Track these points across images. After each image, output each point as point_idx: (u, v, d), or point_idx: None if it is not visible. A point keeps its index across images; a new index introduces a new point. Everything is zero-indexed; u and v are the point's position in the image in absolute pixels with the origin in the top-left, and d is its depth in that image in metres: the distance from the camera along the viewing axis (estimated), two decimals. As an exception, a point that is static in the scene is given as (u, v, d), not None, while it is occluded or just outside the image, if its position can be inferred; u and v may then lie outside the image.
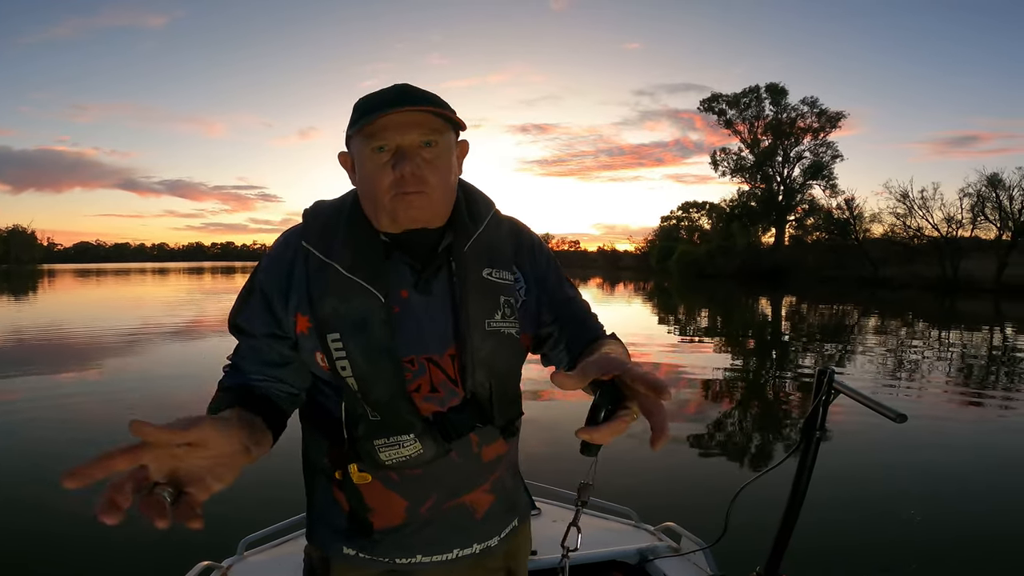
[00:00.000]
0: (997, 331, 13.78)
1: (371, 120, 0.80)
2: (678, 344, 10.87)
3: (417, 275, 0.87)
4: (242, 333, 0.89)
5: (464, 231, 0.90)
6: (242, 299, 0.90)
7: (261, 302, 0.87)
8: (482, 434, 0.90)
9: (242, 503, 3.49)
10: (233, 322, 0.90)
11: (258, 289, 0.88)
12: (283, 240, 0.91)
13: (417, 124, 0.82)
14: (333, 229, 0.88)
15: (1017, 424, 5.73)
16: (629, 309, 19.51)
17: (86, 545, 3.07)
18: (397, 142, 0.82)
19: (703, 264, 45.42)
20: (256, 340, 0.87)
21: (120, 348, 9.60)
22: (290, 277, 0.87)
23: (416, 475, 0.88)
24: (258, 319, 0.87)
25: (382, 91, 0.84)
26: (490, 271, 0.90)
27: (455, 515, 0.91)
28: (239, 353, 0.89)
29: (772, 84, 46.13)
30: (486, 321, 0.87)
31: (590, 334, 0.93)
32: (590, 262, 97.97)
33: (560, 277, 0.99)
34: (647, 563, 1.66)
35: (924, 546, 3.13)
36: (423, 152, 0.83)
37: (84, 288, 31.71)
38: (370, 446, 0.85)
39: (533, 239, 1.00)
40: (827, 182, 43.71)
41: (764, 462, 4.57)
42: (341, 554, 0.92)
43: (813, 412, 1.33)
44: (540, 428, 4.91)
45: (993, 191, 32.30)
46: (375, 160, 0.83)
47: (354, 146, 0.86)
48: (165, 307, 18.02)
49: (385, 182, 0.82)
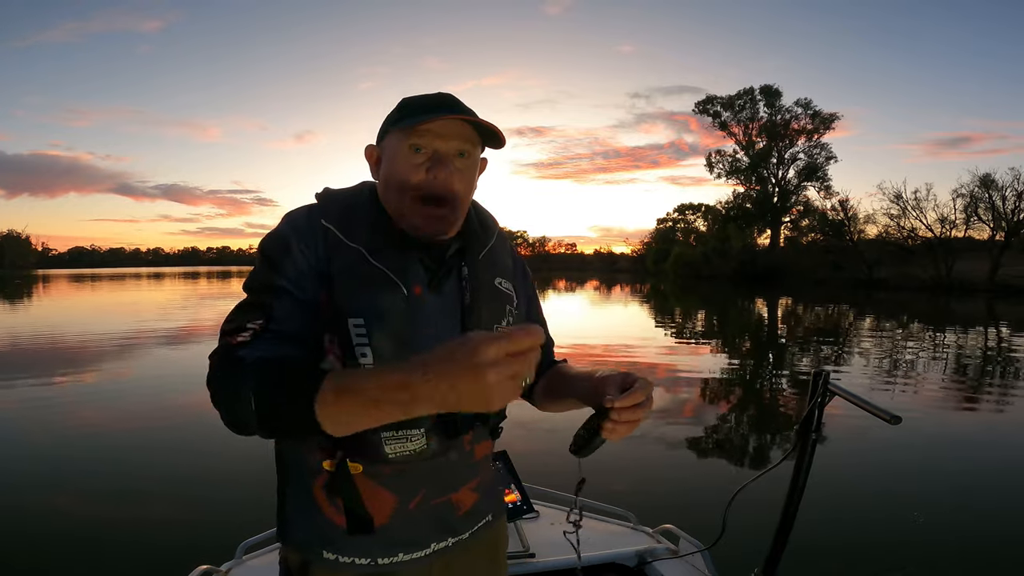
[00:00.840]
0: (992, 331, 13.85)
1: (421, 121, 0.82)
2: (675, 346, 10.89)
3: (431, 274, 0.88)
4: (284, 292, 0.80)
5: (476, 240, 0.94)
6: (275, 260, 0.82)
7: (303, 261, 0.82)
8: (475, 433, 0.93)
9: (241, 507, 3.50)
10: (269, 281, 0.81)
11: (295, 250, 0.82)
12: (300, 214, 0.87)
13: (458, 134, 0.85)
14: (353, 214, 0.87)
15: (1013, 424, 5.76)
16: (626, 311, 19.53)
17: (86, 549, 3.06)
18: (436, 146, 0.85)
19: (699, 266, 45.55)
20: (299, 301, 0.81)
21: (115, 353, 9.55)
22: (317, 249, 0.83)
23: (408, 470, 0.87)
24: (303, 279, 0.81)
25: (429, 95, 0.87)
26: (500, 280, 0.95)
27: (441, 511, 0.91)
28: (276, 318, 0.79)
29: (766, 86, 46.44)
30: (495, 326, 0.90)
31: (549, 358, 1.08)
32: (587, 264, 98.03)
33: (537, 302, 1.10)
34: (646, 565, 1.66)
35: (921, 546, 3.14)
36: (456, 161, 0.86)
37: (79, 293, 31.54)
38: (377, 438, 0.82)
39: (523, 261, 1.08)
40: (821, 183, 44.03)
41: (761, 463, 4.58)
42: (321, 559, 0.88)
43: (809, 414, 1.34)
44: (535, 432, 4.91)
45: (986, 192, 32.55)
46: (411, 159, 0.84)
47: (390, 141, 0.87)
48: (160, 312, 17.94)
49: (415, 180, 0.84)
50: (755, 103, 46.81)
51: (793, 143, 45.65)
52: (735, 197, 47.78)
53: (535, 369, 0.61)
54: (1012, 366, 9.03)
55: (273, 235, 0.86)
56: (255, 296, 0.82)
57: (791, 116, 45.60)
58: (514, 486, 1.92)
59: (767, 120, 46.14)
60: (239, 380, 0.73)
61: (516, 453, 2.08)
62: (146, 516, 3.45)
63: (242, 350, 0.76)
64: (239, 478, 3.89)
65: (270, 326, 0.79)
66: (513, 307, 0.96)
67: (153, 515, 3.47)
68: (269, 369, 0.73)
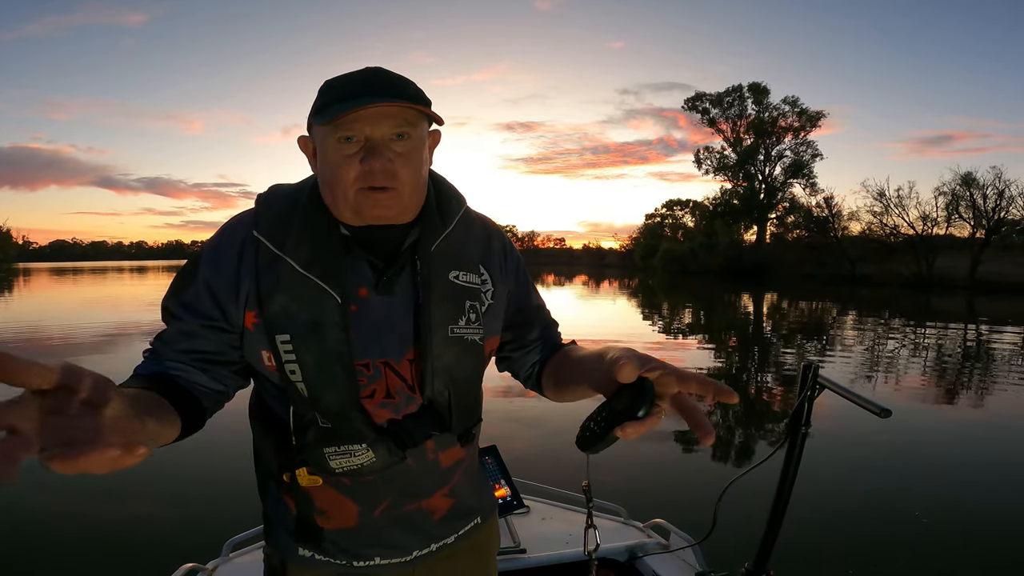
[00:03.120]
0: (972, 328, 14.09)
1: (338, 113, 0.73)
2: (663, 341, 10.94)
3: (379, 274, 0.82)
4: (176, 318, 0.80)
5: (432, 229, 0.85)
6: (183, 281, 0.82)
7: (205, 289, 0.80)
8: (439, 441, 0.87)
9: (227, 504, 3.46)
10: (167, 304, 0.81)
11: (203, 274, 0.80)
12: (232, 226, 0.83)
13: (390, 115, 0.75)
14: (288, 219, 0.81)
15: (995, 417, 5.87)
16: (614, 306, 19.60)
17: (70, 547, 3.02)
18: (367, 133, 0.75)
19: (687, 261, 45.83)
20: (192, 327, 0.80)
21: (96, 348, 9.41)
22: (239, 267, 0.80)
23: (369, 480, 0.85)
24: (200, 305, 0.80)
25: (352, 75, 0.77)
26: (457, 274, 0.85)
27: (413, 518, 0.89)
28: (164, 339, 0.81)
29: (754, 83, 46.70)
30: (449, 327, 0.83)
31: (554, 343, 0.99)
32: (576, 259, 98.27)
33: (529, 284, 1.00)
34: (636, 560, 1.67)
35: (911, 538, 3.19)
36: (395, 145, 0.77)
37: (60, 287, 31.01)
38: (319, 453, 0.81)
39: (504, 240, 0.97)
40: (807, 180, 44.41)
41: (751, 457, 4.62)
42: (296, 555, 0.89)
43: (798, 407, 1.34)
44: (525, 426, 4.92)
45: (967, 190, 33.04)
46: (341, 151, 0.76)
47: (317, 132, 0.79)
48: (143, 306, 17.70)
49: (351, 175, 0.76)
50: (743, 100, 47.11)
51: (780, 140, 46.02)
52: (722, 193, 48.09)
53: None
54: (992, 362, 9.20)
55: (193, 256, 0.84)
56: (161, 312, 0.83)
57: (778, 113, 45.96)
58: (504, 481, 1.92)
59: (755, 117, 46.45)
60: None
61: (506, 448, 2.07)
62: (131, 514, 3.41)
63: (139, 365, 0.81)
64: (225, 476, 3.85)
65: (155, 345, 0.82)
66: (479, 302, 0.87)
67: (139, 513, 3.43)
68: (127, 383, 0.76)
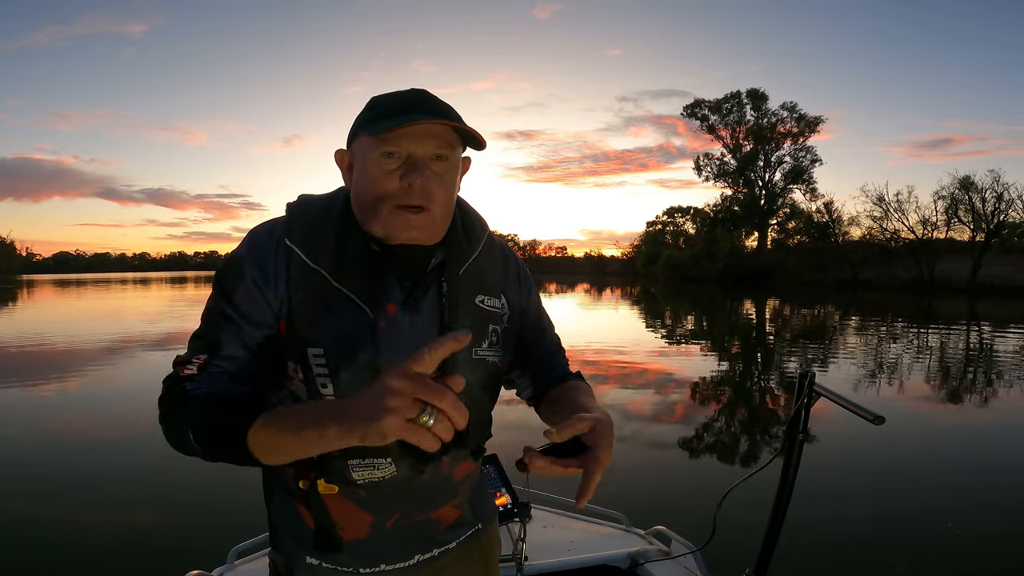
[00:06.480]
0: (974, 331, 14.06)
1: (393, 126, 0.76)
2: (665, 348, 10.95)
3: (407, 291, 0.83)
4: (229, 320, 0.79)
5: (459, 252, 0.87)
6: (229, 284, 0.80)
7: (254, 287, 0.79)
8: (454, 455, 0.89)
9: (233, 512, 3.47)
10: (219, 308, 0.80)
11: (249, 274, 0.79)
12: (264, 233, 0.83)
13: (433, 135, 0.78)
14: (320, 230, 0.82)
15: (997, 421, 5.85)
16: (616, 314, 19.59)
17: (76, 555, 3.02)
18: (410, 150, 0.78)
19: (688, 268, 45.83)
20: (248, 334, 0.79)
21: (101, 358, 9.43)
22: (275, 272, 0.80)
23: (384, 493, 0.86)
24: (252, 305, 0.79)
25: (400, 94, 0.81)
26: (483, 298, 0.88)
27: (420, 528, 0.91)
28: (221, 353, 0.78)
29: (753, 89, 46.87)
30: (474, 349, 0.85)
31: (558, 371, 1.00)
32: (577, 267, 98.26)
33: (539, 308, 1.03)
34: (638, 567, 1.67)
35: (910, 544, 3.18)
36: (434, 165, 0.79)
37: (64, 299, 31.08)
38: (343, 464, 0.82)
39: (520, 265, 1.00)
40: (807, 186, 44.50)
41: (751, 464, 4.62)
42: (304, 563, 0.90)
43: (796, 414, 1.36)
44: (525, 434, 4.92)
45: (966, 194, 33.09)
46: (383, 165, 0.78)
47: (360, 146, 0.81)
48: (147, 318, 17.73)
49: (389, 189, 0.78)
50: (742, 106, 47.27)
51: (779, 146, 46.14)
52: (723, 200, 48.20)
53: (463, 415, 0.59)
54: (994, 366, 9.18)
55: (229, 260, 0.83)
56: (204, 327, 0.81)
57: (777, 119, 46.12)
58: (504, 489, 1.92)
59: (754, 123, 46.60)
60: (182, 415, 0.76)
61: (506, 456, 2.08)
62: (137, 521, 3.41)
63: (188, 383, 0.78)
64: (230, 483, 3.86)
65: (213, 360, 0.79)
66: (499, 326, 0.90)
67: (144, 520, 3.43)
68: (207, 407, 0.75)
